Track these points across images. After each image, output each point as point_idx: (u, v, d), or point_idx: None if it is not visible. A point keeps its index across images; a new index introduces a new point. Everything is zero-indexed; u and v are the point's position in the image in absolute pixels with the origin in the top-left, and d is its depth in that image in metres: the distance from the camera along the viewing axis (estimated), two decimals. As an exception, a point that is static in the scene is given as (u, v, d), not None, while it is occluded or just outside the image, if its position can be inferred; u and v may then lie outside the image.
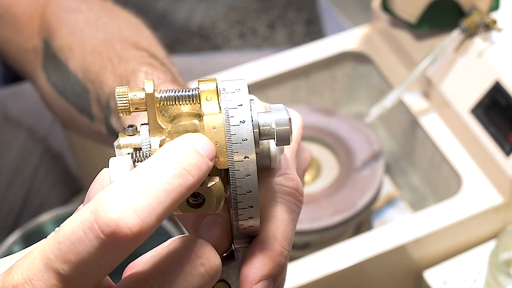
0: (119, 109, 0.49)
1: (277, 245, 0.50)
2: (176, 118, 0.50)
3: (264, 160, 0.52)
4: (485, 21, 0.91)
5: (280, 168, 0.53)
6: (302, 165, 0.60)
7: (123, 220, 0.42)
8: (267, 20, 1.97)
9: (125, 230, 0.42)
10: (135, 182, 0.43)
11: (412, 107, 0.96)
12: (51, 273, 0.43)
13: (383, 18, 1.00)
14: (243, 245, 0.51)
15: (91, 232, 0.42)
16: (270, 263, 0.50)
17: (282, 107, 0.50)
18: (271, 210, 0.51)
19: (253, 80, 1.00)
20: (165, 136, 0.49)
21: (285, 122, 0.49)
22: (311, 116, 1.00)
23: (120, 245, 0.42)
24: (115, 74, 0.77)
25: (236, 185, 0.48)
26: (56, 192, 1.12)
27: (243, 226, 0.50)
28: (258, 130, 0.49)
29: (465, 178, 0.90)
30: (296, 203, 0.52)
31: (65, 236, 0.42)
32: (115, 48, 0.79)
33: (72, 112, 0.85)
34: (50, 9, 0.87)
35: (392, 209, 0.99)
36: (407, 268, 0.89)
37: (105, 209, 0.42)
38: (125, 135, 0.50)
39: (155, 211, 0.43)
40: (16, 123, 1.13)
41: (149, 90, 0.49)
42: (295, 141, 0.57)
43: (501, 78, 0.88)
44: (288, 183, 0.52)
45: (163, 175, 0.44)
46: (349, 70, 1.05)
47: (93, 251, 0.42)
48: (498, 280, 0.83)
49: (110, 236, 0.42)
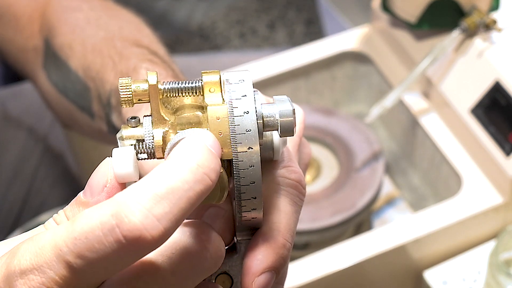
0: (122, 100, 0.49)
1: (280, 237, 0.50)
2: (178, 110, 0.50)
3: (267, 152, 0.52)
4: (485, 21, 0.91)
5: (283, 160, 0.52)
6: (304, 160, 0.60)
7: (146, 228, 0.42)
8: (267, 20, 1.97)
9: (148, 238, 0.42)
10: (157, 186, 0.43)
11: (412, 107, 0.96)
12: (62, 263, 0.43)
13: (383, 18, 1.00)
14: (245, 238, 0.51)
15: (111, 235, 0.42)
16: (273, 255, 0.49)
17: (286, 99, 0.50)
18: (274, 202, 0.51)
19: (253, 80, 1.00)
20: (168, 128, 0.49)
21: (289, 113, 0.49)
22: (311, 116, 1.00)
23: (140, 249, 0.42)
24: (116, 71, 0.77)
25: (239, 176, 0.48)
26: (56, 192, 1.12)
27: (246, 218, 0.50)
28: (262, 121, 0.49)
29: (465, 178, 0.90)
30: (298, 196, 0.52)
31: (81, 233, 0.42)
32: (115, 46, 0.79)
33: (72, 111, 0.85)
34: (50, 9, 0.87)
35: (392, 209, 0.99)
36: (407, 268, 0.89)
37: (128, 214, 0.42)
38: (128, 127, 0.50)
39: (176, 217, 0.43)
40: (16, 123, 1.13)
41: (153, 81, 0.49)
42: (297, 135, 0.57)
43: (501, 78, 0.88)
44: (291, 176, 0.52)
45: (185, 180, 0.43)
46: (349, 70, 1.05)
47: (111, 252, 0.42)
48: (498, 280, 0.83)
49: (131, 241, 0.42)
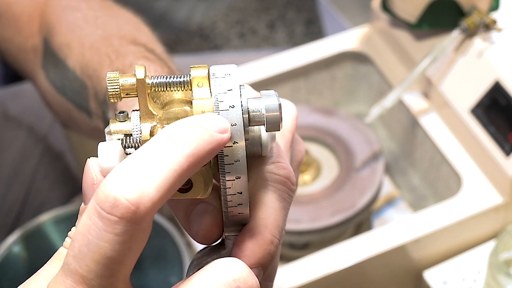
0: (109, 94, 0.49)
1: (267, 233, 0.50)
2: (168, 104, 0.50)
3: (256, 147, 0.51)
4: (485, 21, 0.91)
5: (272, 156, 0.52)
6: (297, 157, 0.59)
7: (120, 193, 0.42)
8: (267, 20, 1.97)
9: (124, 203, 0.42)
10: (131, 160, 0.43)
11: (412, 107, 0.96)
12: (72, 277, 0.42)
13: (383, 18, 1.00)
14: (233, 233, 0.51)
15: (95, 215, 0.42)
16: (259, 251, 0.49)
17: (273, 93, 0.50)
18: (261, 198, 0.51)
19: (253, 80, 1.00)
20: (156, 122, 0.49)
21: (275, 108, 0.49)
22: (311, 116, 1.00)
23: (126, 221, 0.42)
24: (112, 69, 0.77)
25: (224, 171, 0.48)
26: (56, 192, 1.12)
27: (233, 213, 0.50)
28: (247, 115, 0.49)
29: (465, 178, 0.90)
30: (287, 192, 0.52)
31: (75, 235, 0.43)
32: (113, 44, 0.79)
33: (71, 110, 0.85)
34: (50, 8, 0.87)
35: (392, 209, 0.99)
36: (407, 268, 0.89)
37: (101, 188, 0.42)
38: (116, 121, 0.50)
39: (155, 183, 0.43)
40: (16, 123, 1.13)
41: (140, 75, 0.49)
42: (290, 132, 0.56)
43: (501, 78, 0.88)
44: (280, 171, 0.52)
45: (157, 148, 0.44)
46: (349, 70, 1.05)
47: (102, 234, 0.42)
48: (498, 280, 0.83)
49: (110, 211, 0.42)
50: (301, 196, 0.94)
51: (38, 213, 1.07)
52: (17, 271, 0.97)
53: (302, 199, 0.94)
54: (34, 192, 1.11)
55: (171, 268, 0.92)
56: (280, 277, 0.83)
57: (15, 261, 0.98)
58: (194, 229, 0.51)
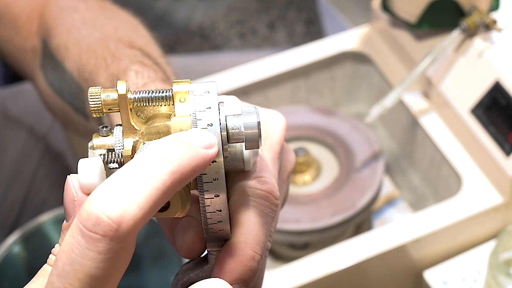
0: (91, 110, 0.49)
1: (248, 249, 0.49)
2: (152, 118, 0.49)
3: (238, 162, 0.51)
4: (485, 21, 0.91)
5: (255, 171, 0.52)
6: (286, 167, 0.59)
7: (103, 211, 0.42)
8: (267, 20, 1.97)
9: (106, 221, 0.42)
10: (114, 178, 0.43)
11: (412, 107, 0.96)
12: None
13: (383, 18, 1.00)
14: (215, 249, 0.51)
15: (78, 233, 0.42)
16: (240, 268, 0.49)
17: (253, 110, 0.50)
18: (243, 213, 0.50)
19: (253, 80, 1.00)
20: (138, 137, 0.49)
21: (253, 125, 0.49)
22: (311, 116, 1.00)
23: (108, 239, 0.42)
24: (108, 73, 0.77)
25: (203, 189, 0.48)
26: (56, 192, 1.12)
27: (213, 230, 0.50)
28: (226, 133, 0.49)
29: (465, 178, 0.90)
30: (270, 206, 0.51)
31: (59, 253, 0.43)
32: (109, 47, 0.79)
33: (68, 112, 0.85)
34: (48, 9, 0.87)
35: (392, 209, 0.99)
36: (407, 268, 0.89)
37: (84, 206, 0.42)
38: (99, 136, 0.50)
39: (137, 200, 0.43)
40: (16, 123, 1.13)
41: (122, 91, 0.48)
42: (278, 143, 0.56)
43: (501, 78, 0.88)
44: (262, 187, 0.51)
45: (140, 166, 0.44)
46: (349, 70, 1.05)
47: (86, 252, 0.42)
48: (498, 280, 0.83)
49: (92, 229, 0.42)
50: (301, 196, 0.94)
51: (38, 213, 1.07)
52: (17, 271, 0.97)
53: (302, 199, 0.94)
54: (34, 192, 1.11)
55: (171, 268, 0.92)
56: (280, 277, 0.84)
57: (15, 261, 0.97)
58: (178, 243, 0.51)
